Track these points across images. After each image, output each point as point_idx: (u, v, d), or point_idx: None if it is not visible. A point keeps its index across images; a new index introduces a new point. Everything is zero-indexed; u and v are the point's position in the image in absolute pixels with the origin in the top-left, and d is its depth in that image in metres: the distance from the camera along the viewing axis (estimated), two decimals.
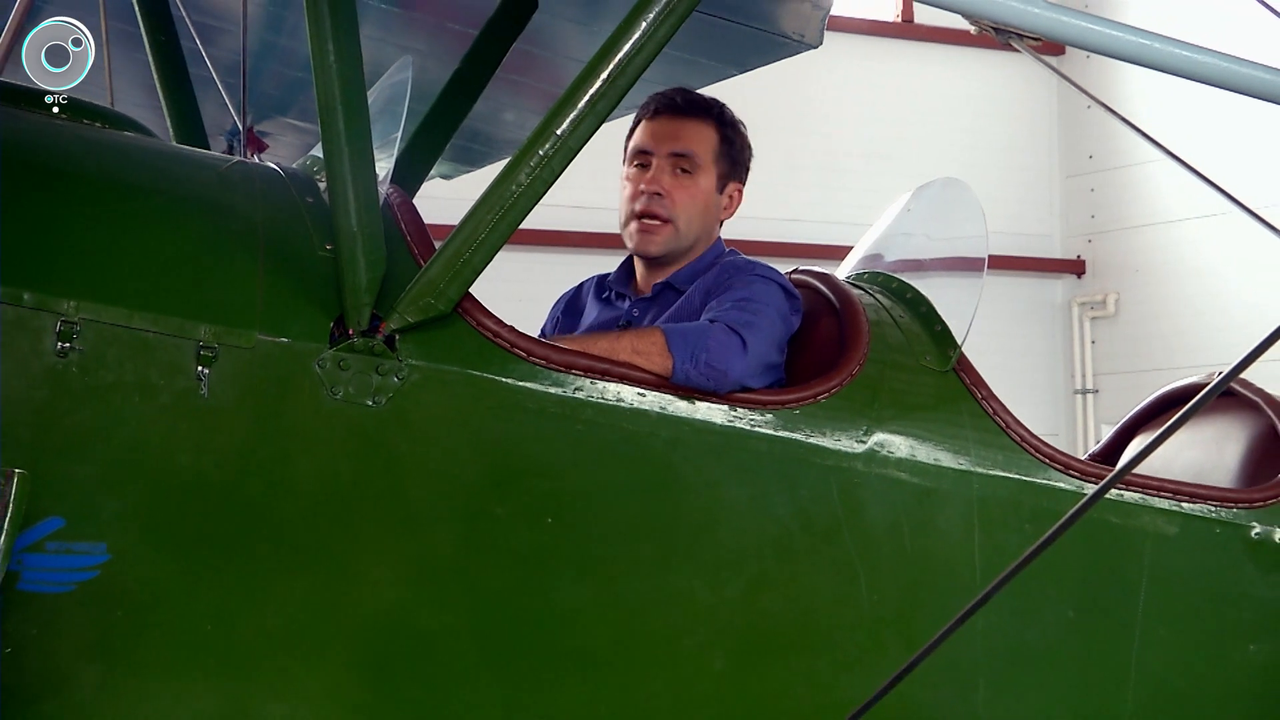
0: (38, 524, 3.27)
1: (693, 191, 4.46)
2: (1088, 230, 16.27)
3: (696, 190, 4.46)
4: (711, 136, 4.50)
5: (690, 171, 4.45)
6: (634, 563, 3.87)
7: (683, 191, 4.44)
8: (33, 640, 3.38)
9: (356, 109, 3.55)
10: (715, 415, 3.92)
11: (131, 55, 5.68)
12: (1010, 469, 4.18)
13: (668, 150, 4.46)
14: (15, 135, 3.64)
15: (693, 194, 4.46)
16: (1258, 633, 4.48)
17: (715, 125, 4.51)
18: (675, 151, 4.45)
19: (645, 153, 4.48)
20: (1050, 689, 4.25)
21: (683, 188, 4.45)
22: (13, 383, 3.39)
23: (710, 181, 4.49)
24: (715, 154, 4.49)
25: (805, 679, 3.97)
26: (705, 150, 4.48)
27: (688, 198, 4.45)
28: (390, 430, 3.63)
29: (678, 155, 4.45)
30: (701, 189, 4.47)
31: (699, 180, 4.47)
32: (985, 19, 2.38)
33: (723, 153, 4.51)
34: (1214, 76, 2.51)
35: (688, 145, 4.46)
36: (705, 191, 4.48)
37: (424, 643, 3.68)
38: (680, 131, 4.48)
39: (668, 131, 4.47)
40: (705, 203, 4.48)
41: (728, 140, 4.52)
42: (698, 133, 4.49)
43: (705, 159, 4.48)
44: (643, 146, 4.49)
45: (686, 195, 4.45)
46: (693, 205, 4.46)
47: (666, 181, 4.44)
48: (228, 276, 3.62)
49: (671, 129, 4.48)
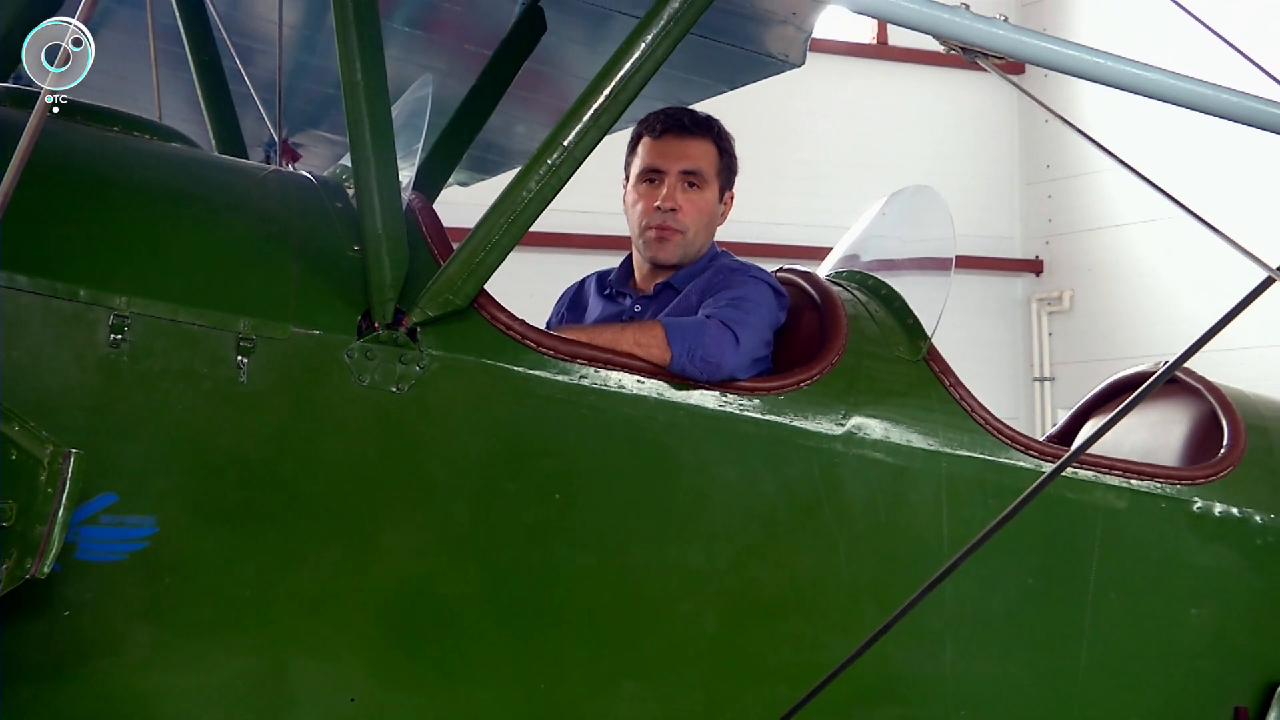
0: (93, 499, 3.27)
1: (700, 204, 4.46)
2: (1045, 233, 16.27)
3: (704, 203, 4.47)
4: (713, 152, 4.50)
5: (698, 186, 4.46)
6: (633, 534, 3.87)
7: (692, 205, 4.45)
8: (88, 605, 3.38)
9: (382, 122, 3.55)
10: (708, 401, 3.92)
11: (177, 74, 5.67)
12: (975, 449, 4.18)
13: (679, 168, 4.45)
14: (72, 147, 3.64)
15: (700, 206, 4.46)
16: (1198, 597, 4.48)
17: (715, 142, 4.51)
18: (685, 169, 4.45)
19: (657, 170, 4.46)
20: (1011, 649, 4.25)
21: (691, 201, 4.45)
22: (70, 371, 3.40)
23: (713, 193, 4.49)
24: (717, 169, 4.50)
25: (789, 639, 3.97)
26: (709, 166, 4.48)
27: (696, 210, 4.45)
28: (412, 414, 3.63)
29: (688, 172, 4.45)
30: (707, 201, 4.48)
31: (705, 194, 4.47)
32: (954, 40, 2.37)
33: (722, 166, 4.51)
34: (1158, 91, 2.51)
35: (695, 163, 4.46)
36: (710, 203, 4.49)
37: (442, 607, 3.68)
38: (687, 150, 4.47)
39: (676, 150, 4.47)
40: (710, 213, 4.49)
41: (725, 154, 4.52)
42: (702, 150, 4.49)
43: (709, 174, 4.48)
44: (654, 165, 4.47)
45: (695, 208, 4.45)
46: (701, 217, 4.46)
47: (679, 197, 4.43)
48: (265, 274, 3.62)
49: (679, 148, 4.47)
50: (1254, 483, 4.56)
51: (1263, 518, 4.54)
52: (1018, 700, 4.23)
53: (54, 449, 3.00)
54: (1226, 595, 4.52)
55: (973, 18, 2.39)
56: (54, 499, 2.98)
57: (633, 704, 3.80)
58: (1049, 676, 4.28)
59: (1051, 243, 16.26)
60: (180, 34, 5.49)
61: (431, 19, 5.67)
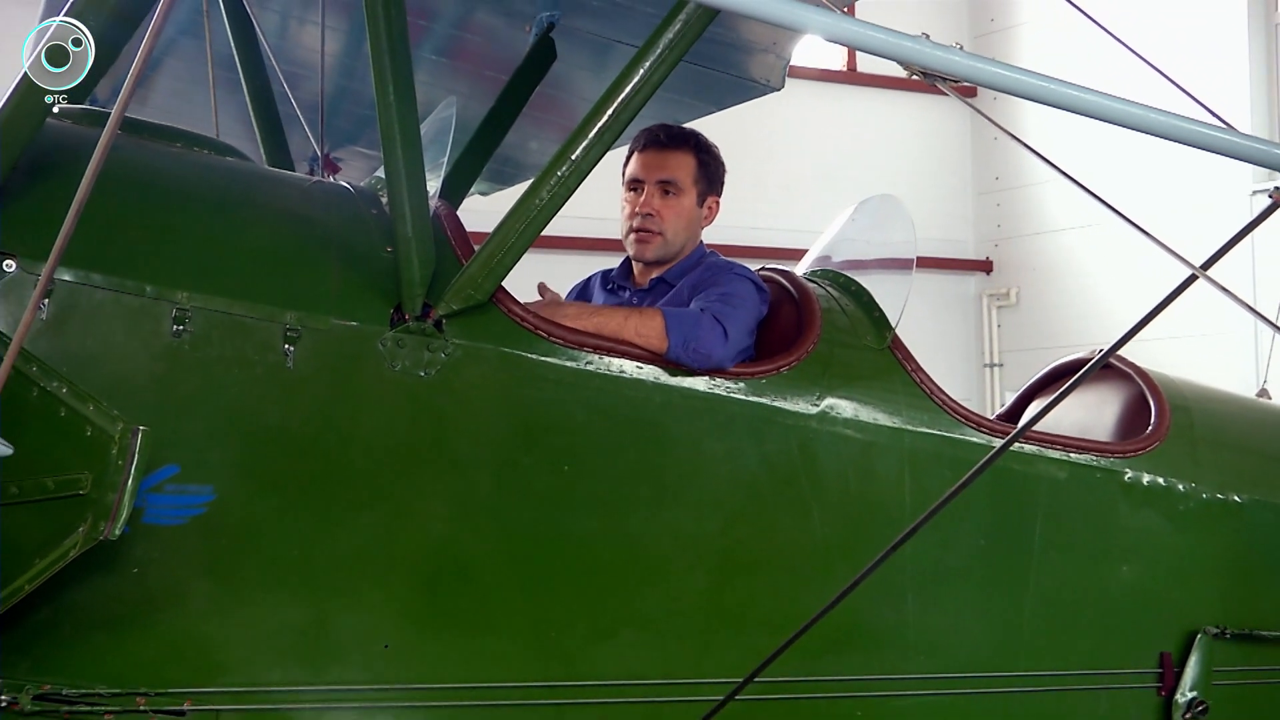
0: (158, 470, 3.27)
1: (676, 209, 4.45)
2: (995, 237, 16.27)
3: (680, 208, 4.46)
4: (690, 163, 4.48)
5: (673, 193, 4.45)
6: (633, 501, 3.87)
7: (669, 210, 4.44)
8: (154, 564, 3.39)
9: (412, 139, 3.55)
10: (698, 384, 3.91)
11: (233, 97, 5.66)
12: (934, 426, 4.18)
13: (655, 178, 4.45)
14: (139, 160, 3.64)
15: (677, 211, 4.45)
16: (1128, 556, 4.48)
17: (693, 153, 4.50)
18: (661, 179, 4.44)
19: (638, 180, 4.47)
20: (964, 600, 4.25)
21: (668, 207, 4.44)
22: (138, 357, 3.41)
23: (691, 199, 4.48)
24: (694, 177, 4.48)
25: (770, 593, 3.97)
26: (685, 175, 4.47)
27: (673, 214, 4.45)
28: (438, 396, 3.62)
29: (664, 181, 4.45)
30: (684, 206, 4.46)
31: (681, 200, 4.46)
32: (916, 65, 2.37)
33: (700, 175, 4.49)
34: (1093, 110, 2.51)
35: (671, 173, 4.45)
36: (687, 208, 4.47)
37: (465, 566, 3.68)
38: (665, 162, 4.46)
39: (655, 162, 4.46)
40: (688, 216, 4.48)
41: (704, 164, 4.51)
42: (679, 161, 4.47)
43: (686, 182, 4.46)
44: (636, 175, 4.48)
45: (672, 213, 4.45)
46: (677, 220, 4.45)
47: (656, 203, 4.44)
48: (309, 272, 3.62)
49: (658, 160, 4.46)
50: (1177, 456, 4.56)
51: (1185, 486, 4.54)
52: (970, 645, 4.23)
53: (124, 426, 3.00)
54: (1153, 554, 4.52)
55: (932, 46, 2.38)
56: (124, 470, 2.98)
57: (632, 651, 3.80)
58: (998, 624, 4.28)
59: (1000, 245, 16.26)
60: (235, 62, 5.49)
61: (455, 48, 5.67)
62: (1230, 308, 2.81)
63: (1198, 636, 4.45)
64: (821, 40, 2.41)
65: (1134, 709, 4.42)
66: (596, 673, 3.75)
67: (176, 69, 6.17)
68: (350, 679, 3.53)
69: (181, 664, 3.41)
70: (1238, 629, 4.51)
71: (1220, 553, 4.60)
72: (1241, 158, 2.61)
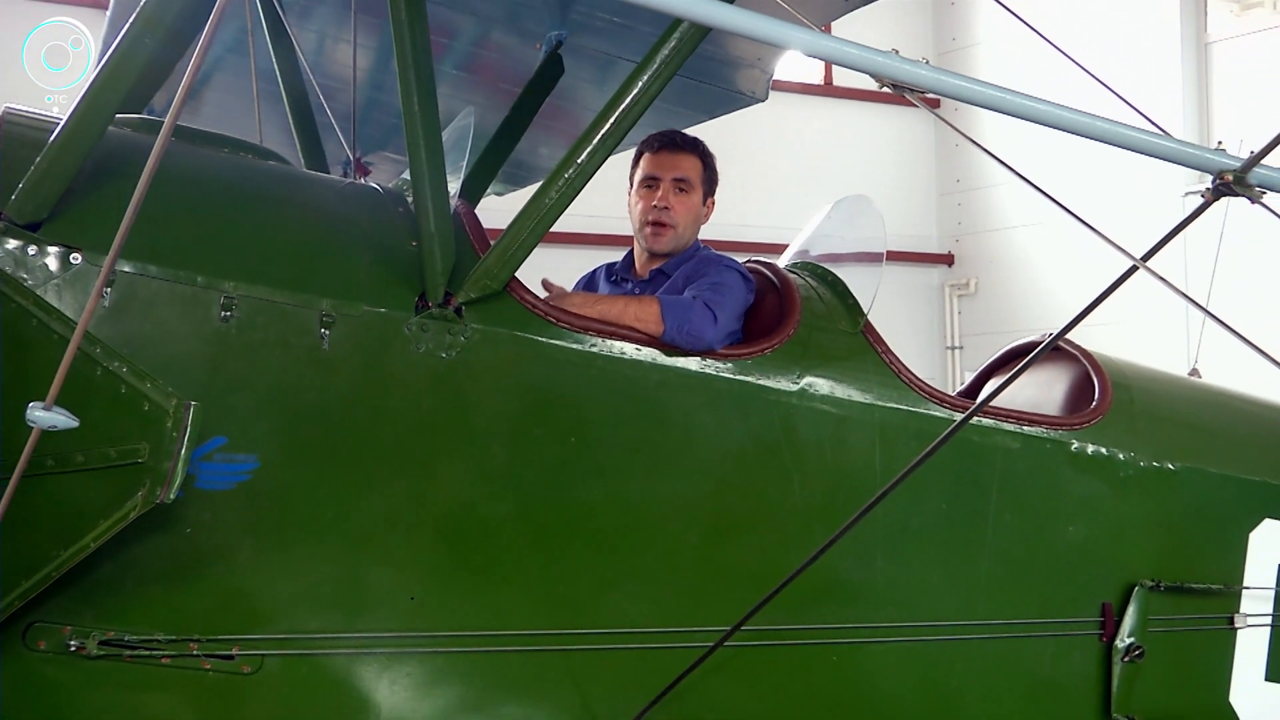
0: (208, 441, 3.27)
1: (688, 205, 4.44)
2: (956, 233, 16.27)
3: (691, 204, 4.45)
4: (698, 165, 4.48)
5: (686, 191, 4.44)
6: (632, 469, 3.86)
7: (681, 205, 4.43)
8: (205, 524, 3.39)
9: (434, 145, 3.54)
10: (691, 364, 3.91)
11: (274, 107, 5.65)
12: (901, 402, 4.17)
13: (671, 176, 4.43)
14: (190, 163, 3.63)
15: (688, 207, 4.44)
16: (1074, 517, 4.48)
17: (700, 157, 4.49)
18: (676, 177, 4.43)
19: (654, 178, 4.45)
20: (928, 557, 4.25)
21: (681, 203, 4.43)
22: (190, 340, 3.41)
23: (698, 197, 4.47)
24: (701, 178, 4.47)
25: (755, 552, 3.96)
26: (695, 175, 4.46)
27: (685, 210, 4.43)
28: (458, 375, 3.61)
29: (678, 179, 4.43)
30: (694, 203, 4.46)
31: (692, 197, 4.45)
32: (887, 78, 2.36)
33: (705, 176, 4.49)
34: (1044, 118, 2.50)
35: (685, 172, 4.44)
36: (695, 205, 4.46)
37: (483, 526, 3.67)
38: (679, 162, 4.45)
39: (670, 162, 4.45)
40: (695, 213, 4.47)
41: (707, 167, 4.50)
42: (690, 163, 4.47)
43: (695, 181, 4.46)
44: (651, 173, 4.46)
45: (684, 208, 4.43)
46: (688, 215, 4.44)
47: (671, 199, 4.42)
48: (342, 264, 3.62)
49: (673, 160, 4.45)
50: (1118, 429, 4.56)
51: (1124, 455, 4.53)
52: (933, 597, 4.23)
53: (177, 401, 3.00)
54: (1096, 516, 4.52)
55: (901, 60, 2.37)
56: (178, 441, 2.98)
57: (632, 603, 3.80)
58: (958, 579, 4.28)
59: (960, 240, 16.27)
60: (276, 76, 5.47)
61: (473, 63, 5.65)
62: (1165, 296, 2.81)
63: (1135, 589, 4.46)
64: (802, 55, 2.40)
65: (1079, 653, 4.43)
66: (600, 622, 3.75)
67: (224, 82, 6.16)
68: (380, 627, 3.53)
69: (230, 614, 3.41)
70: (1170, 582, 4.52)
71: (1155, 514, 4.60)
72: (1176, 161, 2.60)
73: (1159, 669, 4.46)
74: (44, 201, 3.27)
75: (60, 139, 3.23)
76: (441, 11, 4.64)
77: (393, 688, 3.51)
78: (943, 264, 16.40)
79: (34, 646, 3.25)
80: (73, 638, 3.26)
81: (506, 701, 3.64)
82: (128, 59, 3.21)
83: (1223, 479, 4.70)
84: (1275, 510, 4.72)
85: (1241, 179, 2.42)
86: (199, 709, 3.38)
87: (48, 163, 3.24)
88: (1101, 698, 4.42)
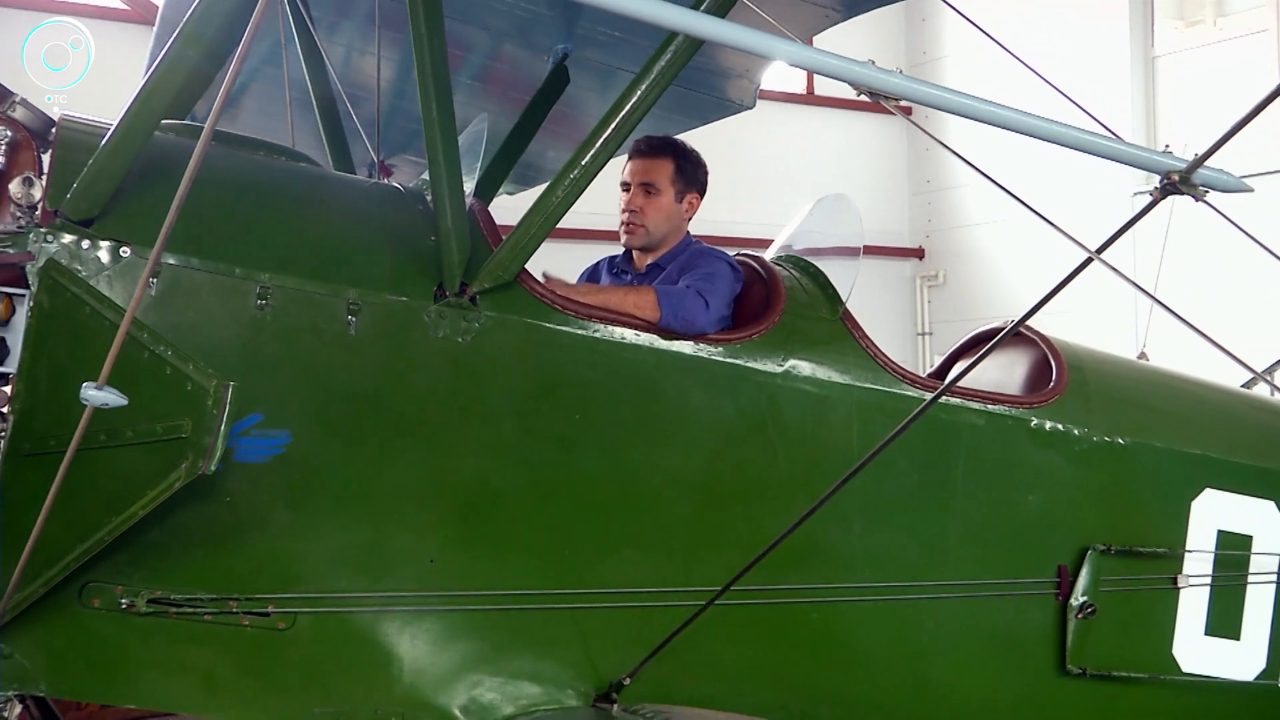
0: (245, 417, 3.27)
1: (656, 206, 4.43)
2: (926, 230, 16.23)
3: (659, 204, 4.43)
4: (669, 167, 4.45)
5: (652, 194, 4.44)
6: (631, 443, 3.86)
7: (650, 207, 4.43)
8: (243, 494, 3.39)
9: (451, 148, 3.53)
10: (685, 348, 3.90)
11: (306, 115, 5.63)
12: (877, 383, 4.16)
13: (639, 181, 4.45)
14: (231, 166, 3.62)
15: (656, 207, 4.43)
16: (1033, 488, 4.47)
17: (672, 158, 4.47)
18: (643, 181, 4.44)
19: (626, 184, 4.48)
20: (900, 525, 4.24)
21: (649, 204, 4.43)
22: (228, 326, 3.40)
23: (669, 197, 4.45)
24: (672, 178, 4.45)
25: (743, 519, 3.96)
26: (663, 177, 4.44)
27: (653, 210, 4.43)
28: (473, 357, 3.61)
29: (645, 184, 4.44)
30: (662, 203, 4.44)
31: (660, 199, 4.43)
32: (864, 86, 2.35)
33: (678, 176, 4.46)
34: (1006, 123, 2.49)
35: (650, 177, 4.44)
36: (666, 204, 4.44)
37: (495, 495, 3.67)
38: (646, 168, 4.46)
39: (638, 168, 4.46)
40: (666, 211, 4.45)
41: (681, 167, 4.47)
42: (658, 166, 4.45)
43: (664, 184, 4.44)
44: (625, 179, 4.49)
45: (652, 209, 4.43)
46: (657, 214, 4.43)
47: (639, 201, 4.44)
48: (367, 257, 3.61)
49: (641, 166, 4.46)
50: (1073, 407, 4.55)
51: (1079, 431, 4.53)
52: (905, 560, 4.23)
53: (217, 382, 3.00)
54: (1052, 486, 4.51)
55: (877, 70, 2.36)
56: (217, 418, 2.98)
57: (631, 565, 3.80)
58: (928, 543, 4.28)
59: (930, 236, 16.23)
60: (307, 85, 5.46)
61: (487, 74, 5.63)
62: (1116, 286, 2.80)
63: (1088, 552, 4.45)
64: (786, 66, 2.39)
65: (1037, 610, 4.42)
66: (602, 583, 3.75)
67: (260, 92, 6.14)
68: (402, 587, 3.53)
69: (266, 574, 3.41)
70: (1120, 546, 4.51)
71: (1107, 485, 4.59)
72: (1126, 162, 2.60)
73: (1109, 625, 4.46)
74: (96, 200, 3.27)
75: (110, 143, 3.23)
76: (457, 26, 4.62)
77: (413, 642, 3.52)
78: (914, 257, 16.37)
79: (89, 604, 3.26)
80: (123, 596, 3.27)
81: (518, 655, 3.63)
82: (171, 71, 3.21)
83: (1168, 452, 4.69)
84: (1215, 480, 4.72)
85: (1187, 179, 2.42)
86: (237, 661, 3.39)
87: (99, 165, 3.24)
88: (1057, 651, 4.42)
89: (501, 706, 3.54)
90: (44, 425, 3.07)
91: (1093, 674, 4.44)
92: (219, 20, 3.15)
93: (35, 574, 3.06)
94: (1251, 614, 4.78)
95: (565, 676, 3.65)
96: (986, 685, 4.38)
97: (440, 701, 3.50)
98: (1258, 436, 5.01)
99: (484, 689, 3.55)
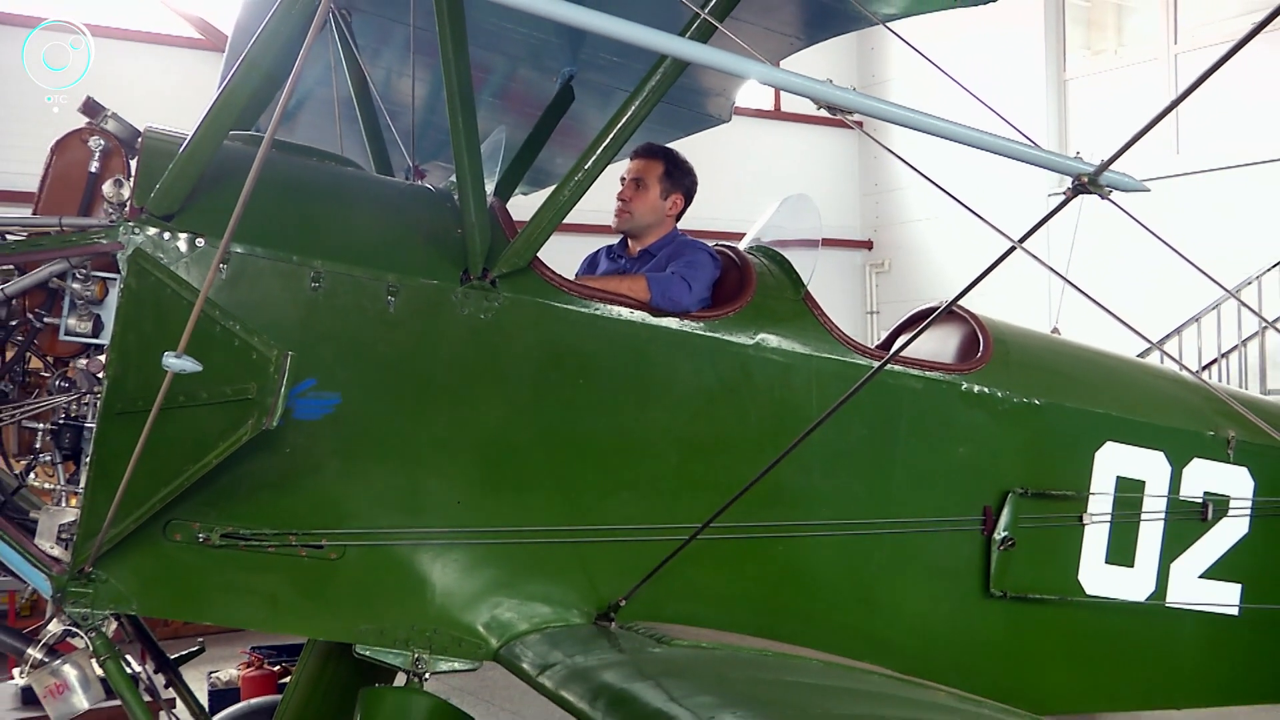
0: (302, 382, 3.27)
1: (643, 198, 4.43)
2: (875, 225, 16.24)
3: (646, 198, 4.43)
4: (657, 167, 4.46)
5: (641, 188, 4.44)
6: (626, 404, 3.85)
7: (637, 198, 4.44)
8: (301, 446, 3.38)
9: (475, 155, 3.51)
10: (671, 324, 3.89)
11: (352, 127, 5.60)
12: (833, 353, 4.16)
13: (632, 176, 4.46)
14: (288, 169, 3.60)
15: (642, 200, 4.43)
16: (963, 441, 4.47)
17: (661, 160, 4.48)
18: (634, 177, 4.46)
19: (623, 178, 4.49)
20: (850, 472, 4.24)
21: (637, 196, 4.44)
22: (287, 305, 3.39)
23: (655, 193, 4.45)
24: (658, 177, 4.45)
25: (721, 468, 3.96)
26: (651, 175, 4.44)
27: (640, 201, 4.43)
28: (493, 332, 3.60)
29: (635, 179, 4.45)
30: (649, 197, 4.44)
31: (648, 193, 4.44)
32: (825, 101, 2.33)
33: (665, 177, 4.46)
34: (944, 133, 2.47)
35: (639, 174, 4.45)
36: (651, 199, 4.44)
37: (512, 449, 3.67)
38: (640, 167, 4.47)
39: (634, 167, 4.48)
40: (651, 205, 4.44)
41: (669, 171, 4.47)
42: (648, 166, 4.46)
43: (651, 181, 4.44)
44: (622, 175, 4.50)
45: (639, 200, 4.44)
46: (643, 205, 4.43)
47: (629, 193, 4.45)
48: (404, 246, 3.60)
49: (637, 165, 4.48)
50: (997, 373, 4.55)
51: (1002, 393, 4.52)
52: (857, 502, 4.23)
53: (278, 351, 2.99)
54: (979, 439, 4.51)
55: (835, 88, 2.35)
56: (278, 382, 2.97)
57: (626, 506, 3.80)
58: (876, 488, 4.28)
59: (878, 230, 16.24)
60: (353, 102, 5.43)
61: (505, 93, 5.60)
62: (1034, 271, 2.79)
63: (1009, 495, 4.46)
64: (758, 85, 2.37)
65: (966, 544, 4.44)
66: (602, 520, 3.76)
67: (313, 107, 6.10)
68: (434, 524, 3.53)
69: (320, 513, 3.41)
70: (1035, 490, 4.52)
71: (1025, 438, 4.60)
72: (1043, 166, 2.59)
73: (1026, 555, 4.48)
74: (175, 198, 3.27)
75: (187, 151, 3.23)
76: (480, 52, 4.58)
77: (444, 570, 3.53)
78: (864, 248, 16.37)
79: (171, 538, 3.26)
80: (201, 531, 3.27)
81: (531, 581, 3.64)
82: (237, 90, 3.20)
83: (1076, 411, 4.69)
84: (1115, 434, 4.73)
85: (1094, 180, 2.40)
86: (296, 585, 3.40)
87: (178, 169, 3.24)
88: (983, 577, 4.44)
89: (518, 624, 3.55)
90: (133, 388, 3.06)
91: (1012, 596, 4.47)
92: (278, 48, 3.12)
93: (126, 513, 3.06)
94: (1144, 546, 4.81)
95: (571, 599, 3.66)
96: (924, 606, 4.40)
97: (466, 619, 3.52)
98: (1151, 398, 5.01)
99: (503, 609, 3.56)
